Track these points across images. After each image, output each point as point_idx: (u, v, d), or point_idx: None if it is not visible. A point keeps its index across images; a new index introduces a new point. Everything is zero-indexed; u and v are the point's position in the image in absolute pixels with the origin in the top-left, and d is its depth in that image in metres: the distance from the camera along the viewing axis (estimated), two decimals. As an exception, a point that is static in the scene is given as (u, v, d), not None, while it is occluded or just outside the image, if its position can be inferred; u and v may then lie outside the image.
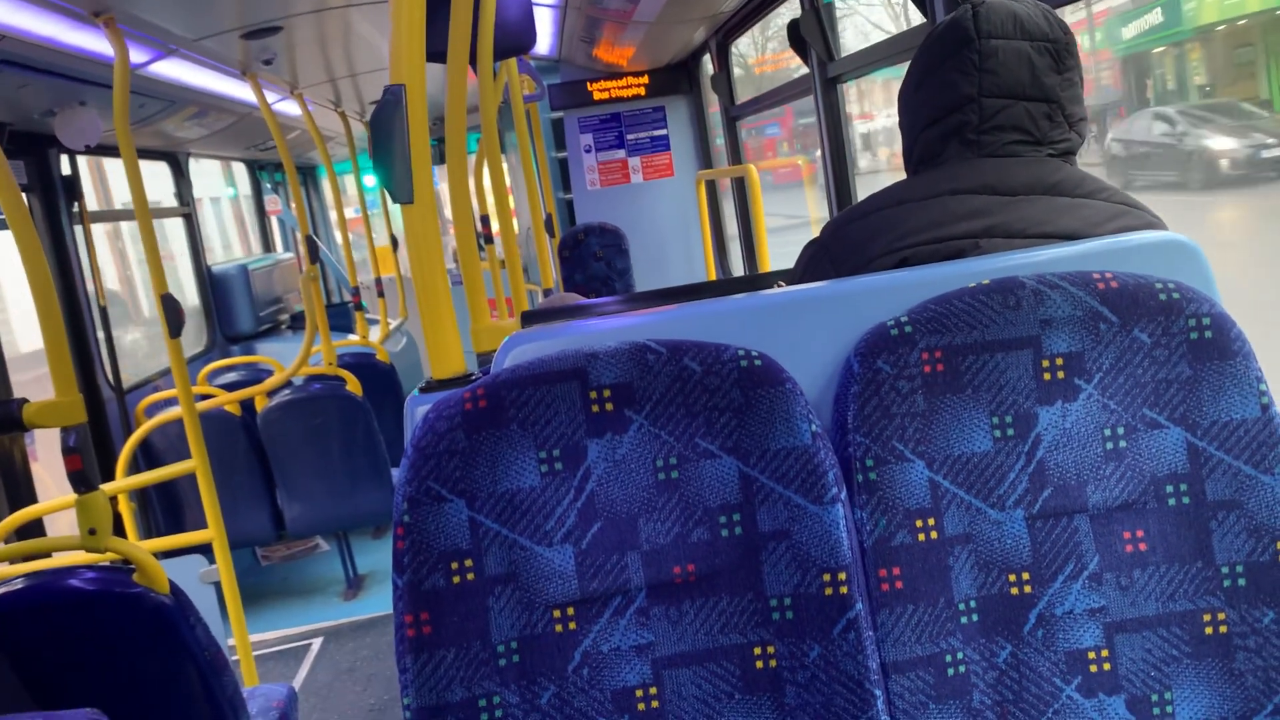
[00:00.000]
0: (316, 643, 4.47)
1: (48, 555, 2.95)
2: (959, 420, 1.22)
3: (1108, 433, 1.22)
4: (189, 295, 6.31)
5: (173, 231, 6.54)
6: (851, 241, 1.48)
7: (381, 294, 6.44)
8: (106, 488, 2.33)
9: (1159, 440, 1.22)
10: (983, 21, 1.47)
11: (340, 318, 7.06)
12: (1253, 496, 1.20)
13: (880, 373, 1.22)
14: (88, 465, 2.08)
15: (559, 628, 1.17)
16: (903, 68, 1.63)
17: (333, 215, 7.71)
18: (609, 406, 1.19)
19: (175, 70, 3.90)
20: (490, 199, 4.66)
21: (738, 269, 5.77)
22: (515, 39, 2.51)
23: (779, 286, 1.80)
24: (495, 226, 4.34)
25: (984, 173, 1.44)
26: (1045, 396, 1.22)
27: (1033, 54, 1.46)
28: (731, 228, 5.78)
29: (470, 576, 1.16)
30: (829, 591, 1.17)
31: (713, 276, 5.32)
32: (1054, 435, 1.22)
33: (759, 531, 1.19)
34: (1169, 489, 1.21)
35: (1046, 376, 1.22)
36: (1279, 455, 1.20)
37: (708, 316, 1.33)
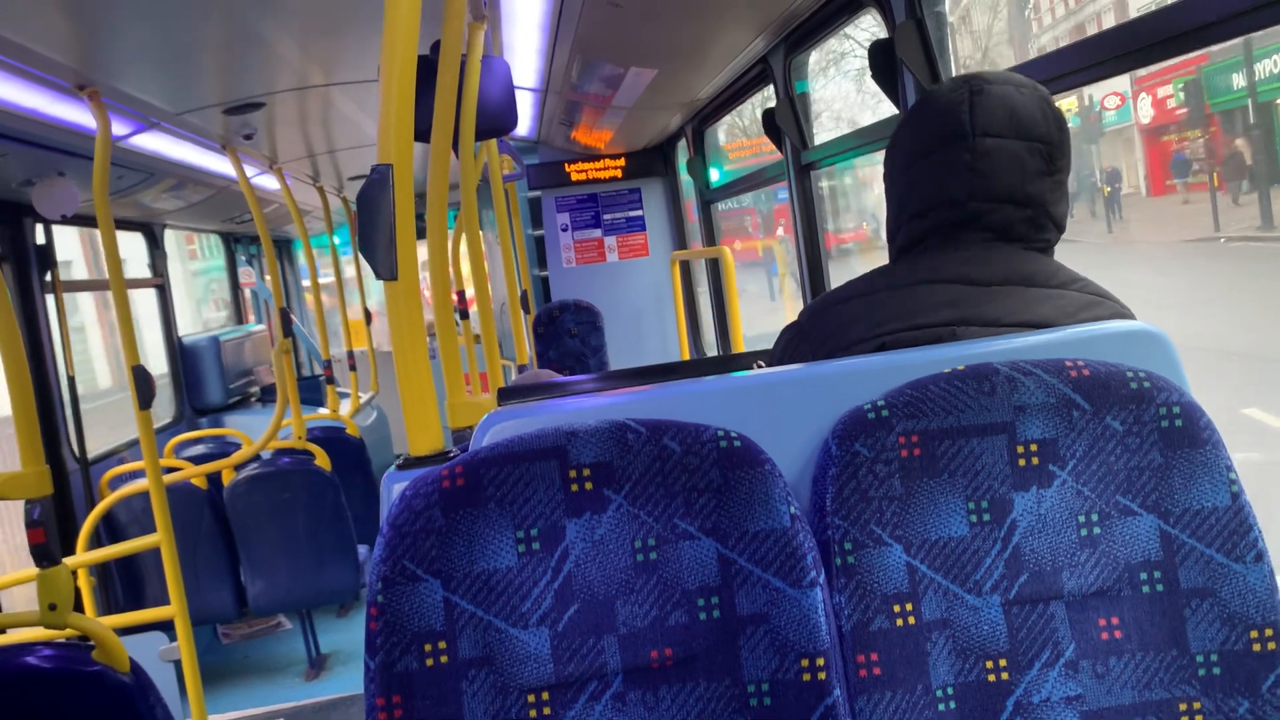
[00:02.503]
0: None
1: (2, 631, 2.87)
2: (935, 504, 1.22)
3: (1082, 519, 1.23)
4: (154, 364, 6.26)
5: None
6: (830, 326, 1.49)
7: (354, 367, 6.41)
8: (68, 561, 2.28)
9: (1132, 527, 1.23)
10: (979, 116, 1.44)
11: (311, 391, 7.02)
12: (1225, 585, 1.21)
13: (858, 455, 1.22)
14: (50, 539, 2.04)
15: (533, 713, 1.15)
16: (876, 156, 1.66)
17: (307, 288, 7.73)
18: (588, 485, 1.19)
19: (155, 143, 3.92)
20: (467, 274, 4.69)
21: (711, 348, 5.81)
22: (497, 120, 2.55)
23: (757, 367, 1.82)
24: (472, 301, 4.36)
25: (962, 263, 1.45)
26: (1020, 482, 1.23)
27: (1026, 156, 1.44)
28: (706, 307, 5.84)
29: (444, 659, 1.14)
30: (807, 677, 1.16)
31: (686, 355, 5.35)
32: (1029, 521, 1.23)
33: (737, 615, 1.18)
34: (1143, 576, 1.22)
35: (1021, 462, 1.23)
36: (1250, 543, 1.21)
37: (687, 396, 1.34)
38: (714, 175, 5.13)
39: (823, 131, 3.54)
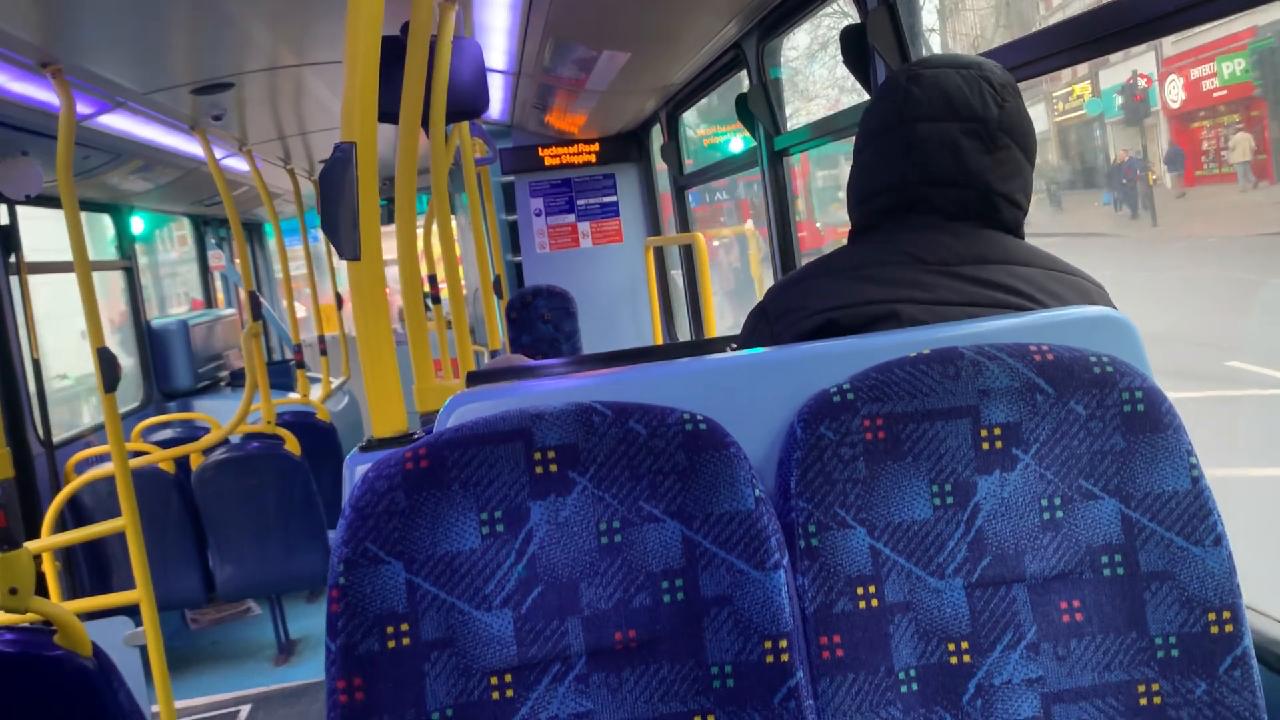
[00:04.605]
0: (245, 710, 4.33)
1: None
2: (899, 487, 1.23)
3: (1044, 503, 1.24)
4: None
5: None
6: (786, 305, 1.52)
7: (324, 352, 6.37)
8: (31, 545, 2.25)
9: (1094, 511, 1.23)
10: (911, 104, 1.48)
11: (281, 375, 6.96)
12: (1184, 568, 1.22)
13: (823, 439, 1.23)
14: (12, 521, 2.01)
15: (496, 695, 1.15)
16: (848, 143, 1.67)
17: (277, 272, 7.67)
18: (553, 468, 1.18)
19: (122, 123, 3.87)
20: (439, 260, 4.66)
21: (685, 334, 5.81)
22: (468, 103, 2.54)
23: (731, 349, 1.82)
24: (443, 287, 4.34)
25: (910, 244, 1.48)
26: (984, 466, 1.24)
27: (960, 137, 1.46)
28: (680, 293, 5.84)
29: (406, 641, 1.13)
30: (770, 659, 1.16)
31: (660, 341, 5.35)
32: (992, 504, 1.23)
33: (701, 597, 1.18)
34: (1104, 559, 1.23)
35: (985, 446, 1.24)
36: (1209, 527, 1.23)
37: (653, 379, 1.33)
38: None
39: (817, 115, 3.53)
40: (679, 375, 1.34)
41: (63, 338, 4.82)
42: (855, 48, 2.40)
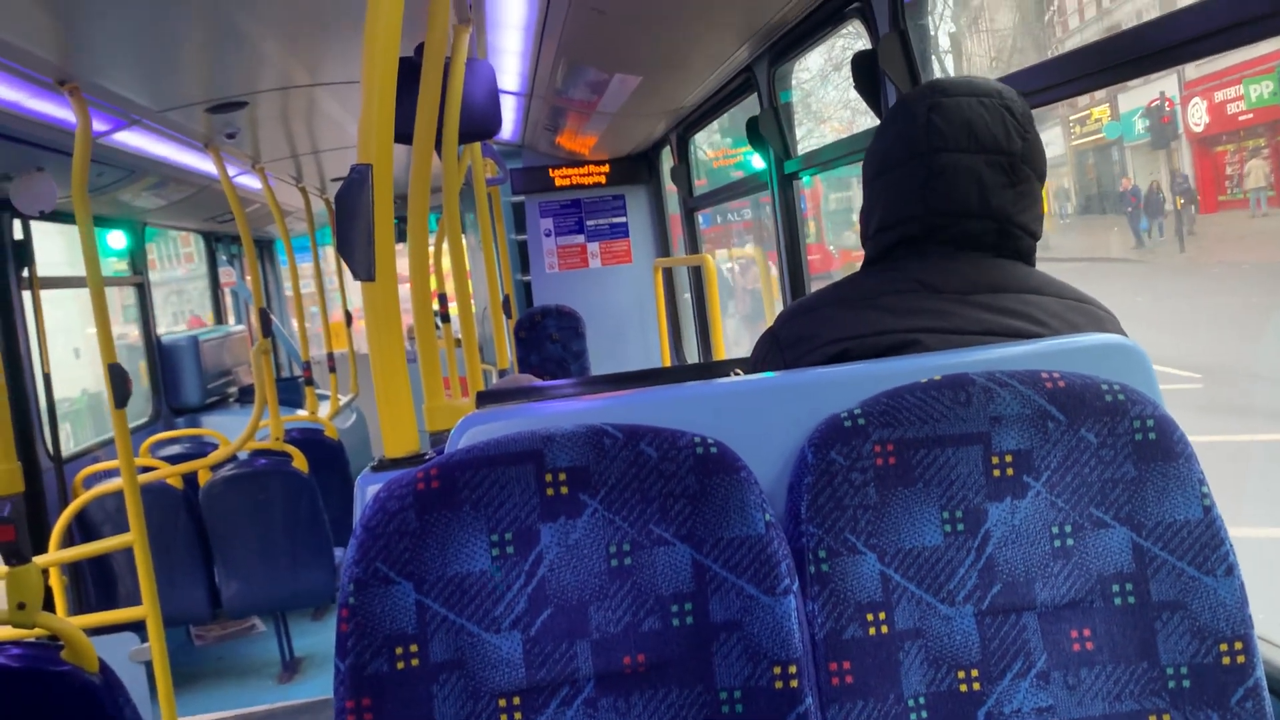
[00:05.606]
0: None
1: None
2: (910, 514, 1.23)
3: (1055, 530, 1.23)
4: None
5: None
6: (798, 332, 1.51)
7: (333, 369, 6.38)
8: (39, 560, 2.26)
9: (1105, 539, 1.23)
10: (934, 134, 1.46)
11: (290, 392, 6.97)
12: (1196, 598, 1.21)
13: (834, 464, 1.22)
14: (21, 537, 2.02)
15: (504, 717, 1.15)
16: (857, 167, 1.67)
17: (288, 288, 7.70)
18: (564, 490, 1.18)
19: (137, 140, 3.90)
20: (449, 278, 4.68)
21: (693, 355, 5.81)
22: (481, 124, 2.55)
23: (736, 373, 1.82)
24: (453, 305, 4.35)
25: (925, 273, 1.47)
26: (995, 492, 1.23)
27: (984, 170, 1.45)
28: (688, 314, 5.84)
29: (415, 662, 1.13)
30: (779, 685, 1.15)
31: (668, 362, 5.36)
32: (1003, 531, 1.23)
33: (710, 622, 1.18)
34: (1115, 588, 1.22)
35: (996, 473, 1.24)
36: (1221, 557, 1.22)
37: (664, 402, 1.33)
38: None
39: (829, 137, 3.55)
40: (690, 398, 1.34)
41: (57, 353, 4.83)
42: (866, 73, 2.41)
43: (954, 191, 1.45)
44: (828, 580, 1.20)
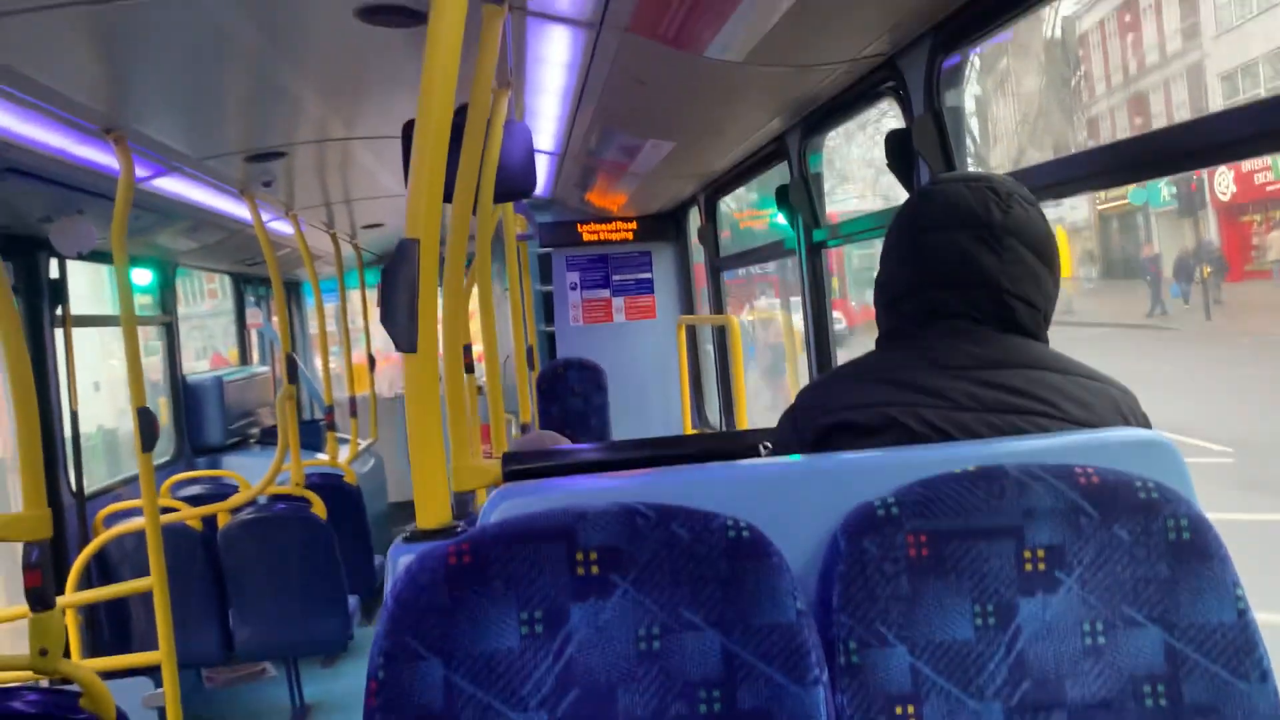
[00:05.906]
0: None
1: None
2: (942, 606, 1.22)
3: (1087, 627, 1.23)
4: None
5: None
6: (807, 403, 1.59)
7: (355, 413, 6.41)
8: (60, 601, 2.27)
9: (1138, 639, 1.22)
10: (921, 215, 1.57)
11: (311, 435, 7.00)
12: (1229, 703, 1.20)
13: (866, 553, 1.22)
14: (46, 583, 2.03)
15: None
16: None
17: (312, 328, 7.75)
18: (595, 569, 1.19)
19: (175, 186, 3.97)
20: (476, 328, 4.71)
21: (714, 414, 5.81)
22: (516, 183, 2.58)
23: (764, 447, 1.83)
24: (477, 347, 4.37)
25: (932, 347, 1.51)
26: (1027, 587, 1.23)
27: (966, 243, 1.52)
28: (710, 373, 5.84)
29: None
30: None
31: (688, 424, 5.35)
32: (1034, 627, 1.22)
33: (738, 709, 1.17)
34: (1146, 689, 1.21)
35: (1028, 567, 1.23)
36: (1255, 662, 1.21)
37: (696, 481, 1.34)
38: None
39: (852, 194, 3.57)
40: (722, 478, 1.35)
41: (79, 387, 4.87)
42: (900, 151, 2.44)
43: (940, 263, 1.53)
44: (858, 671, 1.19)
